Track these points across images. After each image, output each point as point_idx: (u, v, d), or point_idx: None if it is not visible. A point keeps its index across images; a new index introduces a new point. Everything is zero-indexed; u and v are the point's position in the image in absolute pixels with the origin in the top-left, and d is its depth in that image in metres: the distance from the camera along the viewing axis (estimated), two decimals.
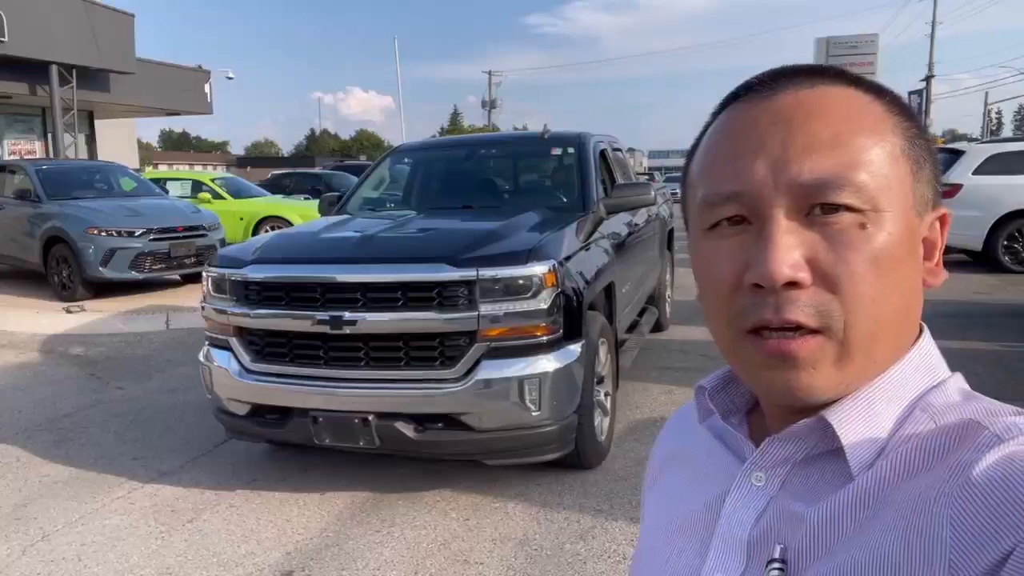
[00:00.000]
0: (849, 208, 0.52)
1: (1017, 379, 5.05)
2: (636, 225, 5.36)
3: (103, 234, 8.72)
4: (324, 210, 5.29)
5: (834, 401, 0.54)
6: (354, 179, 12.01)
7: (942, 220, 0.59)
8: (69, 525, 3.42)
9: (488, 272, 3.24)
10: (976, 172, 9.63)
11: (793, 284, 0.51)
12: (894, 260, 0.53)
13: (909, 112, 0.58)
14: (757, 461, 0.59)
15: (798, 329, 0.52)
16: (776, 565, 0.54)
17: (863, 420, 0.54)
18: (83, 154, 16.88)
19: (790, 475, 0.58)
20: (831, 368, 0.53)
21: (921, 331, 0.60)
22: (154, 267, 9.09)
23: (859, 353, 0.53)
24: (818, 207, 0.52)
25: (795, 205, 0.53)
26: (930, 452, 0.51)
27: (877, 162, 0.53)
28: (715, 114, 0.62)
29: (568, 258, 3.55)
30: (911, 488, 0.50)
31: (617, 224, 4.82)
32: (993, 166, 9.60)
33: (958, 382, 0.58)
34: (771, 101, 0.56)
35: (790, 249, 0.51)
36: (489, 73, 51.42)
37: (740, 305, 0.54)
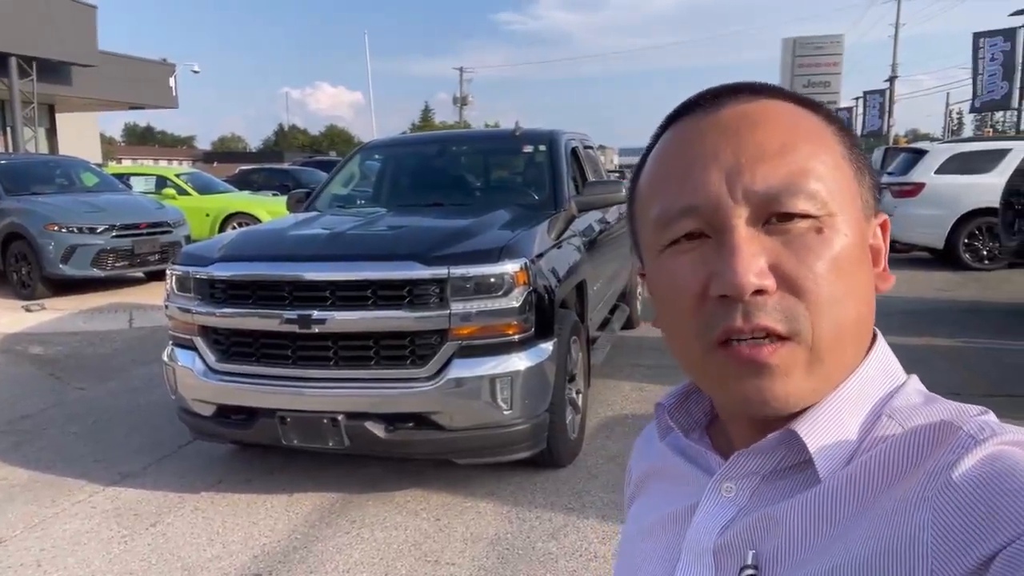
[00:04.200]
0: (805, 215, 0.52)
1: (979, 374, 5.16)
2: (607, 223, 5.37)
3: (63, 230, 8.51)
4: (292, 207, 5.22)
5: (800, 412, 0.54)
6: (324, 175, 11.88)
7: (883, 227, 0.61)
8: (28, 529, 3.32)
9: (459, 270, 3.22)
10: (938, 171, 9.81)
11: (760, 291, 0.51)
12: (852, 262, 0.54)
13: (844, 124, 0.59)
14: (727, 472, 0.59)
15: (768, 336, 0.52)
16: (749, 571, 0.53)
17: (830, 429, 0.54)
18: (43, 148, 16.49)
19: (760, 486, 0.58)
20: (803, 373, 0.53)
21: (875, 336, 0.60)
22: (116, 264, 8.89)
23: (828, 356, 0.53)
24: (775, 216, 0.53)
25: (753, 214, 0.53)
26: (904, 456, 0.51)
27: (824, 168, 0.54)
28: (657, 135, 0.62)
29: (540, 256, 3.54)
30: (889, 494, 0.49)
31: (588, 222, 4.82)
32: (954, 165, 9.79)
33: (916, 384, 0.58)
34: (716, 115, 0.57)
35: (754, 257, 0.51)
36: (460, 69, 51.26)
37: (706, 317, 0.54)
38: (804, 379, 0.53)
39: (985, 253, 9.77)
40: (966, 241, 9.80)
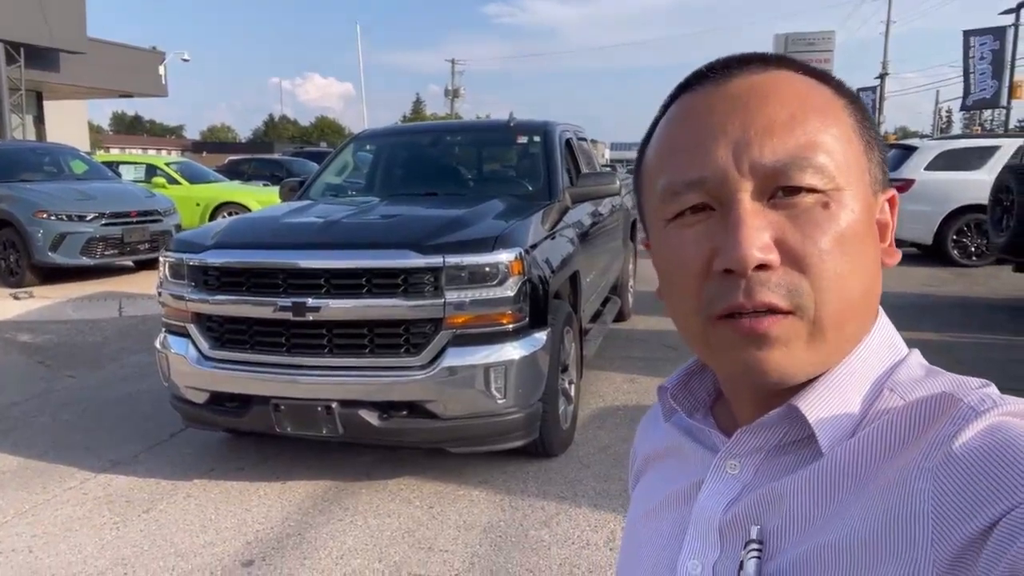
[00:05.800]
0: (812, 189, 0.52)
1: (967, 367, 5.20)
2: (600, 215, 5.38)
3: (52, 218, 8.46)
4: (285, 195, 5.20)
5: (804, 385, 0.54)
6: (315, 166, 11.83)
7: (891, 202, 0.60)
8: (20, 516, 3.31)
9: (454, 259, 3.22)
10: (928, 168, 9.87)
11: (763, 266, 0.51)
12: (858, 237, 0.53)
13: (854, 97, 0.58)
14: (731, 449, 0.59)
15: (770, 311, 0.52)
16: (754, 546, 0.54)
17: (832, 403, 0.54)
18: (31, 136, 16.34)
19: (763, 462, 0.58)
20: (803, 347, 0.53)
21: (877, 312, 0.60)
22: (106, 253, 8.84)
23: (830, 332, 0.53)
24: (781, 190, 0.52)
25: (759, 188, 0.52)
26: (906, 427, 0.51)
27: (834, 142, 0.53)
28: (666, 105, 0.61)
29: (534, 246, 3.54)
30: (890, 466, 0.49)
31: (582, 213, 4.83)
32: (943, 162, 9.86)
33: (917, 357, 0.58)
34: (725, 86, 0.56)
35: (759, 231, 0.51)
36: (452, 61, 51.14)
37: (710, 292, 0.54)
38: (804, 352, 0.53)
39: (973, 249, 9.85)
40: (954, 237, 9.88)
